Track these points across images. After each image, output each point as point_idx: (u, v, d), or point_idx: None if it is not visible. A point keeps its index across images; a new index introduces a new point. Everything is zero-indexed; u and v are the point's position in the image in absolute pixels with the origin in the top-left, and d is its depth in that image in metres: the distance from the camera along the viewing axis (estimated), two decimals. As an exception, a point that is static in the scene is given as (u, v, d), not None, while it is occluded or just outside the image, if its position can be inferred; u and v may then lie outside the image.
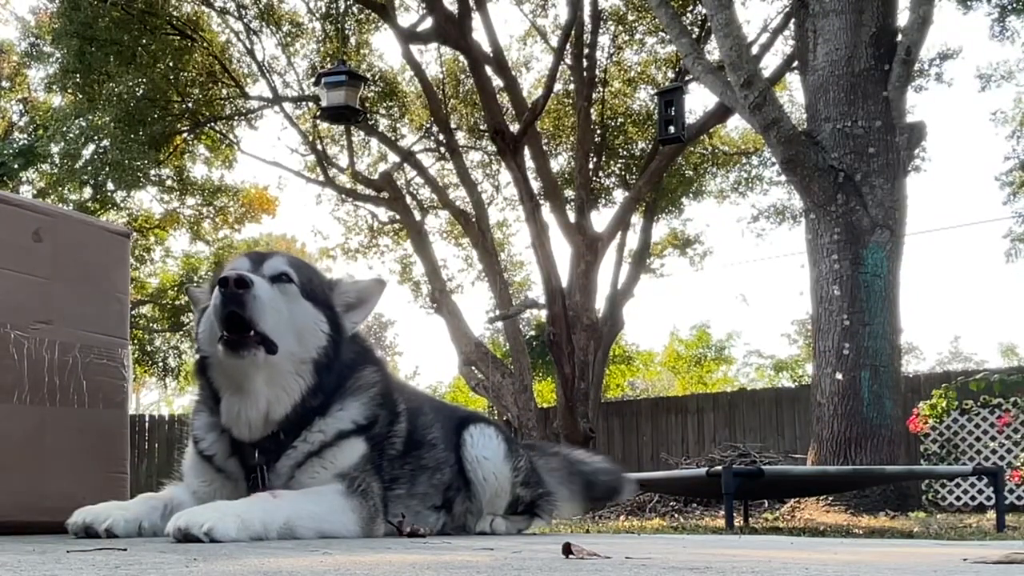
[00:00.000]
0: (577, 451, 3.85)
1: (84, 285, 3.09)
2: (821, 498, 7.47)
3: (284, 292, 2.44)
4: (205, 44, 15.63)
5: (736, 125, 17.22)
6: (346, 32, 16.06)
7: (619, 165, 16.98)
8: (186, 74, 15.51)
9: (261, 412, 2.49)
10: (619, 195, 16.64)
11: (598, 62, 15.43)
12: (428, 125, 17.06)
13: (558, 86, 15.76)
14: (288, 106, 16.44)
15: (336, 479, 2.55)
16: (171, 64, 15.07)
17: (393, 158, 17.19)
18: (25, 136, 19.43)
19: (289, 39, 16.24)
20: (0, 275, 2.85)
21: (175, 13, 15.28)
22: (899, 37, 8.13)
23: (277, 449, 2.56)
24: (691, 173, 17.28)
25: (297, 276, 2.50)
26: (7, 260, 2.88)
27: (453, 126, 16.33)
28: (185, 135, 16.54)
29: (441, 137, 16.28)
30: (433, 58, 16.73)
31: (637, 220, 16.44)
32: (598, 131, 16.00)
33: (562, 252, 14.40)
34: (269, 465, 2.56)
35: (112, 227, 3.37)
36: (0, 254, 2.86)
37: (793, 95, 16.30)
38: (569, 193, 15.74)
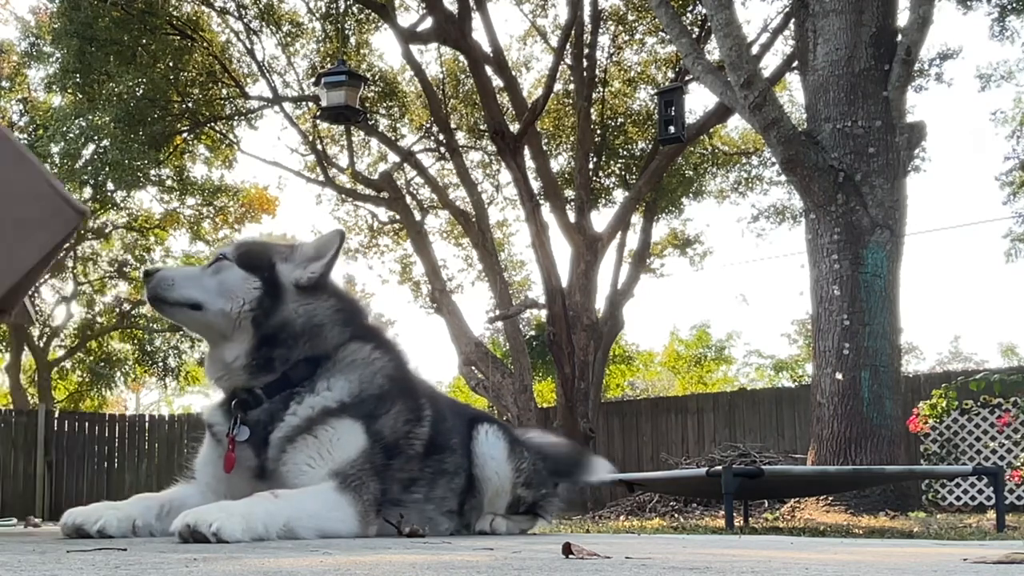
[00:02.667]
0: (536, 434, 3.68)
1: None
2: (821, 498, 7.47)
3: (218, 269, 2.80)
4: (205, 44, 15.63)
5: (736, 125, 17.24)
6: (346, 32, 16.06)
7: (619, 165, 16.98)
8: (186, 74, 15.51)
9: (220, 355, 2.76)
10: (619, 195, 16.64)
11: (598, 62, 15.44)
12: (428, 125, 17.06)
13: (558, 86, 15.77)
14: (288, 106, 16.45)
15: (332, 475, 2.55)
16: (171, 64, 15.07)
17: (393, 158, 17.20)
18: (25, 136, 19.43)
19: (289, 39, 16.25)
20: None
21: (175, 13, 15.28)
22: (899, 37, 8.13)
23: (256, 405, 2.66)
24: (691, 173, 17.27)
25: (234, 254, 2.84)
26: None
27: (453, 126, 16.33)
28: (185, 135, 16.53)
29: (441, 137, 16.28)
30: (433, 58, 16.75)
31: (637, 220, 16.44)
32: (598, 131, 16.01)
33: (562, 252, 14.42)
34: (256, 431, 2.62)
35: (66, 195, 2.51)
36: None
37: (793, 95, 16.31)
38: (569, 193, 15.74)
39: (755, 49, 13.40)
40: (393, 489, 2.72)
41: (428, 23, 14.07)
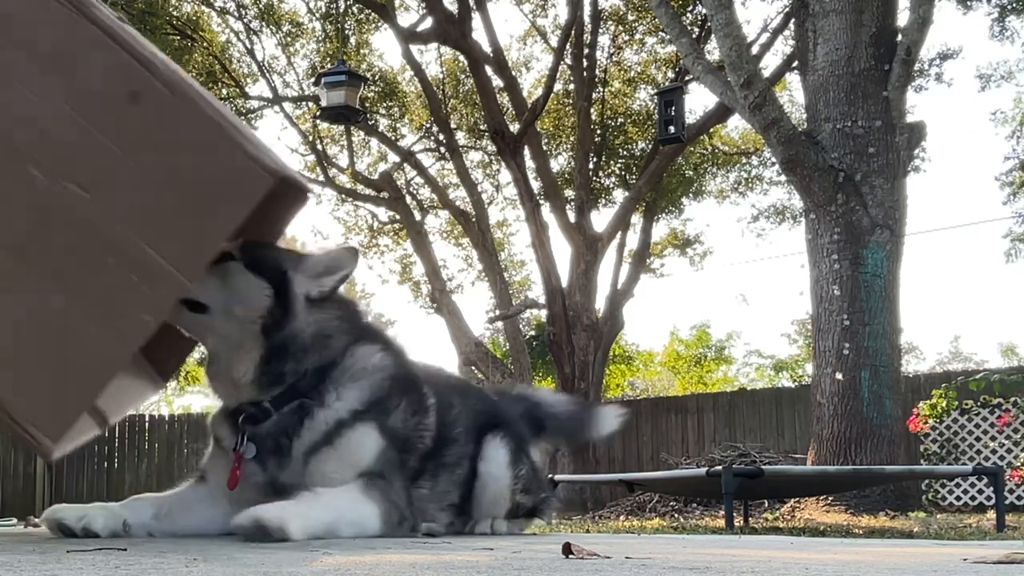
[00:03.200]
0: (547, 394, 3.71)
1: (170, 192, 2.19)
2: (821, 498, 7.47)
3: (224, 269, 2.61)
4: (205, 44, 15.63)
5: (736, 125, 17.25)
6: (346, 32, 16.07)
7: (619, 165, 16.98)
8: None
9: (226, 368, 2.63)
10: (619, 195, 16.65)
11: (598, 62, 15.44)
12: (428, 125, 17.07)
13: (558, 86, 15.78)
14: (288, 106, 16.46)
15: (357, 477, 2.55)
16: (171, 64, 15.07)
17: (393, 158, 17.21)
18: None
19: (289, 39, 16.25)
20: (70, 120, 2.18)
21: (175, 13, 15.28)
22: (899, 37, 8.13)
23: (264, 418, 2.59)
24: (691, 173, 17.29)
25: (241, 254, 2.66)
26: (88, 108, 2.18)
27: (453, 126, 16.34)
28: (185, 135, 16.51)
29: (441, 137, 16.29)
30: (433, 58, 16.77)
31: (637, 220, 16.45)
32: (598, 131, 16.01)
33: (562, 252, 14.43)
34: (265, 446, 2.58)
35: (263, 161, 2.20)
36: (85, 98, 2.19)
37: (793, 95, 16.32)
38: (569, 193, 15.75)
39: (755, 49, 13.41)
40: (404, 484, 2.72)
41: (428, 23, 14.09)
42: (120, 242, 2.15)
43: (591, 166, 15.48)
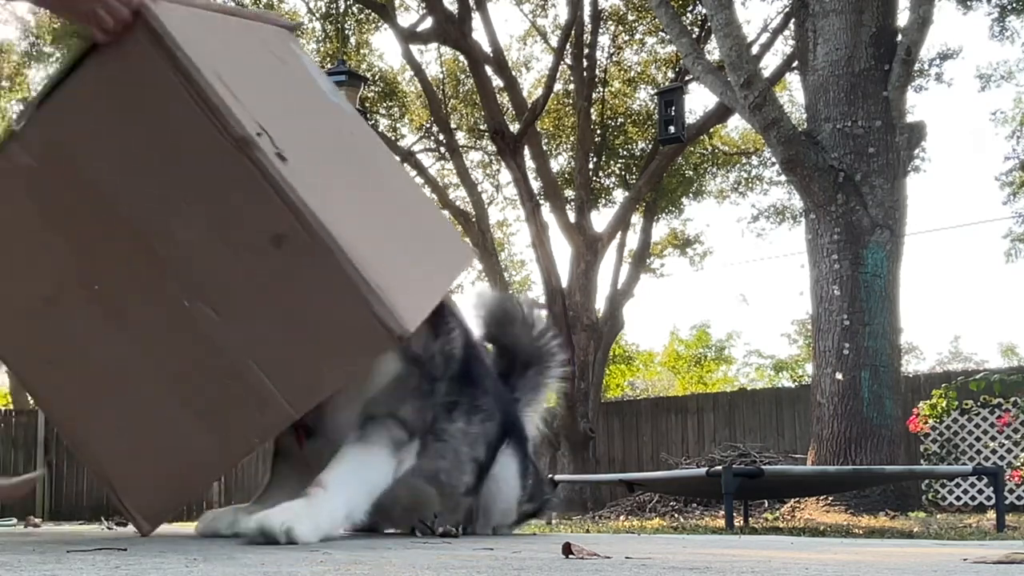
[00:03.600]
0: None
1: (295, 331, 2.27)
2: (821, 498, 7.47)
3: None
4: (205, 44, 15.64)
5: (736, 125, 17.26)
6: (346, 32, 16.08)
7: (619, 165, 16.99)
8: (186, 74, 15.51)
9: None
10: (619, 195, 16.66)
11: (598, 62, 15.46)
12: (428, 125, 17.08)
13: (558, 86, 15.79)
14: (288, 106, 16.44)
15: (364, 416, 2.44)
16: (171, 64, 15.07)
17: (393, 158, 17.19)
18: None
19: (289, 39, 16.24)
20: (215, 249, 2.29)
21: (175, 13, 15.29)
22: (899, 37, 8.13)
23: None
24: (691, 173, 17.30)
25: None
26: (233, 241, 2.27)
27: (453, 126, 16.35)
28: (185, 135, 16.52)
29: (441, 137, 16.30)
30: (433, 58, 16.78)
31: (637, 220, 16.46)
32: (598, 131, 16.02)
33: (562, 252, 14.44)
34: None
35: (387, 323, 2.18)
36: (233, 232, 2.27)
37: (793, 95, 16.34)
38: (569, 193, 15.76)
39: (755, 49, 13.42)
40: (415, 410, 2.55)
41: (428, 23, 14.10)
42: (240, 367, 2.26)
43: (591, 166, 15.49)
